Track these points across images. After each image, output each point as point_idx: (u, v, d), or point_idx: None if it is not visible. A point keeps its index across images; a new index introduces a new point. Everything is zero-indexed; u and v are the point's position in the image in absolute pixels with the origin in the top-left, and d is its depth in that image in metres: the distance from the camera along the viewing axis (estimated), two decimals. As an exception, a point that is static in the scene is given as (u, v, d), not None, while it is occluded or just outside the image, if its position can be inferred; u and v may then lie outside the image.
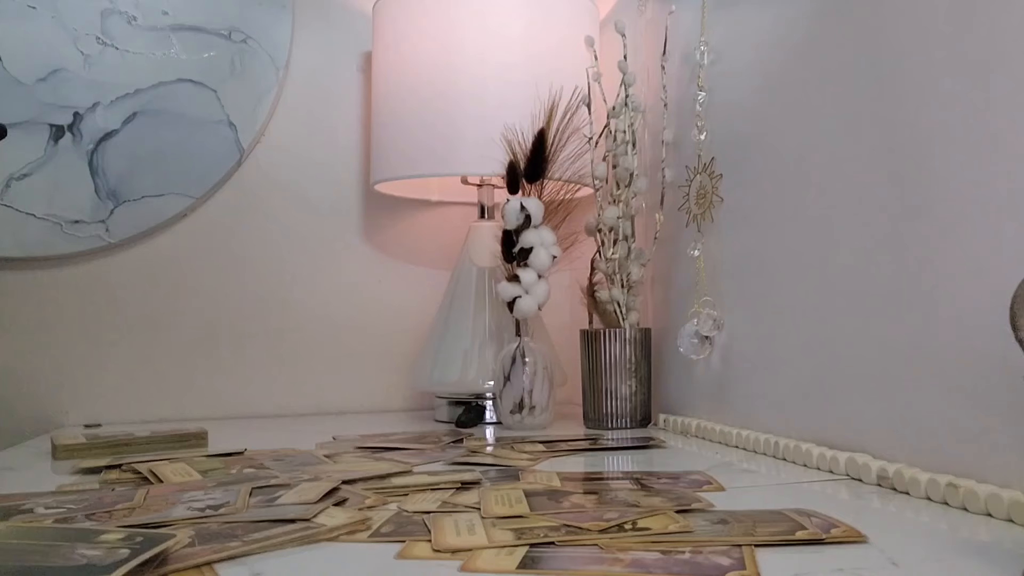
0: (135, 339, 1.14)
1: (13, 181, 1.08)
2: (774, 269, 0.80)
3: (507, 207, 0.95)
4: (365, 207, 1.25)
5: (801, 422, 0.76)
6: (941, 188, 0.60)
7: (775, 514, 0.52)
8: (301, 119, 1.22)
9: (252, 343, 1.19)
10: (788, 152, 0.78)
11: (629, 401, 0.97)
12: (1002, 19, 0.56)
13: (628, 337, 0.97)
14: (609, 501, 0.56)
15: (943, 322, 0.60)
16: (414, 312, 1.25)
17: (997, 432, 0.55)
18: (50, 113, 1.10)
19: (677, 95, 0.98)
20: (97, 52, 1.11)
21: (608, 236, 0.99)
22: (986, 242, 0.56)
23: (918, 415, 0.62)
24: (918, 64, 0.63)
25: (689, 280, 0.93)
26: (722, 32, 0.89)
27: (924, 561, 0.44)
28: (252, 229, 1.20)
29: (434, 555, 0.45)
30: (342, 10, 1.24)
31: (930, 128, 0.62)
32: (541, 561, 0.43)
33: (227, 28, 1.17)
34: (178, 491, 0.60)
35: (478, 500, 0.57)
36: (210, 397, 1.17)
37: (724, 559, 0.43)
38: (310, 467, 0.71)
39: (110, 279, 1.14)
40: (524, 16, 1.05)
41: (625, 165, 0.98)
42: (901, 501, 0.58)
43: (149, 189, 1.13)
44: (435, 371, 1.05)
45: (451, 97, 1.03)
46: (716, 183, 0.88)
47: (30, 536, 0.45)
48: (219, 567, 0.43)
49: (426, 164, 1.06)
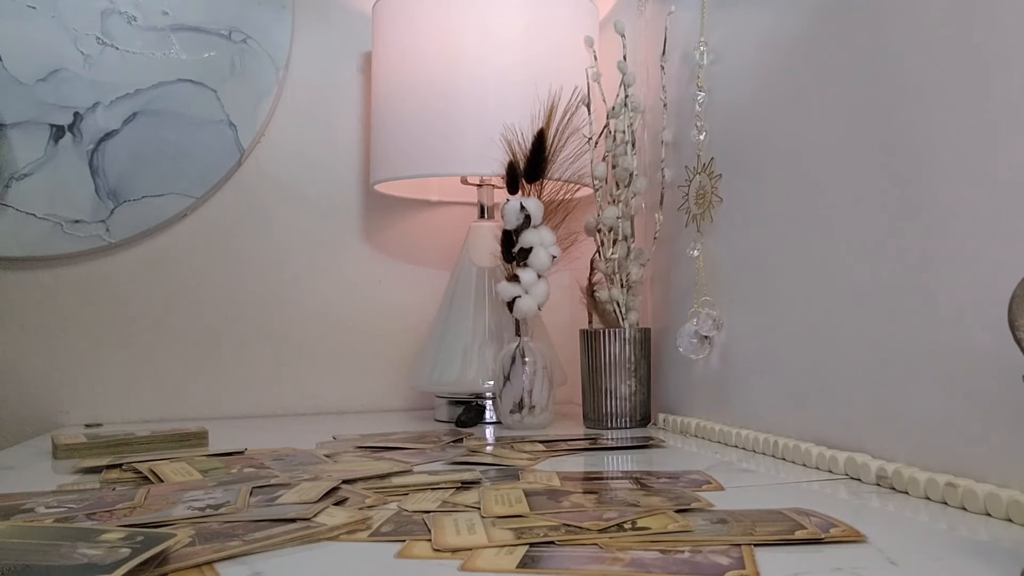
0: (135, 339, 1.14)
1: (13, 181, 1.08)
2: (774, 269, 0.80)
3: (507, 207, 0.95)
4: (365, 207, 1.25)
5: (800, 422, 0.76)
6: (941, 188, 0.60)
7: (774, 513, 0.52)
8: (301, 119, 1.22)
9: (252, 343, 1.19)
10: (788, 152, 0.78)
11: (629, 401, 0.97)
12: (1002, 19, 0.56)
13: (628, 337, 0.97)
14: (609, 500, 0.56)
15: (943, 322, 0.60)
16: (414, 312, 1.25)
17: (996, 432, 0.55)
18: (50, 113, 1.10)
19: (676, 95, 0.98)
20: (97, 52, 1.11)
21: (608, 236, 0.99)
22: (986, 242, 0.57)
23: (917, 415, 0.62)
24: (918, 64, 0.63)
25: (689, 280, 0.93)
26: (722, 32, 0.89)
27: (923, 560, 0.44)
28: (252, 229, 1.20)
29: (434, 554, 0.45)
30: (342, 10, 1.24)
31: (930, 128, 0.62)
32: (541, 560, 0.44)
33: (227, 28, 1.17)
34: (178, 490, 0.60)
35: (478, 499, 0.57)
36: (210, 397, 1.17)
37: (723, 558, 0.43)
38: (310, 467, 0.71)
39: (110, 279, 1.14)
40: (524, 16, 1.05)
41: (624, 165, 0.98)
42: (900, 500, 0.59)
43: (149, 189, 1.13)
44: (435, 371, 1.05)
45: (451, 97, 1.03)
46: (715, 183, 0.89)
47: (31, 535, 0.45)
48: (219, 566, 0.43)
49: (426, 164, 1.06)
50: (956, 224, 0.59)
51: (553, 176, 0.98)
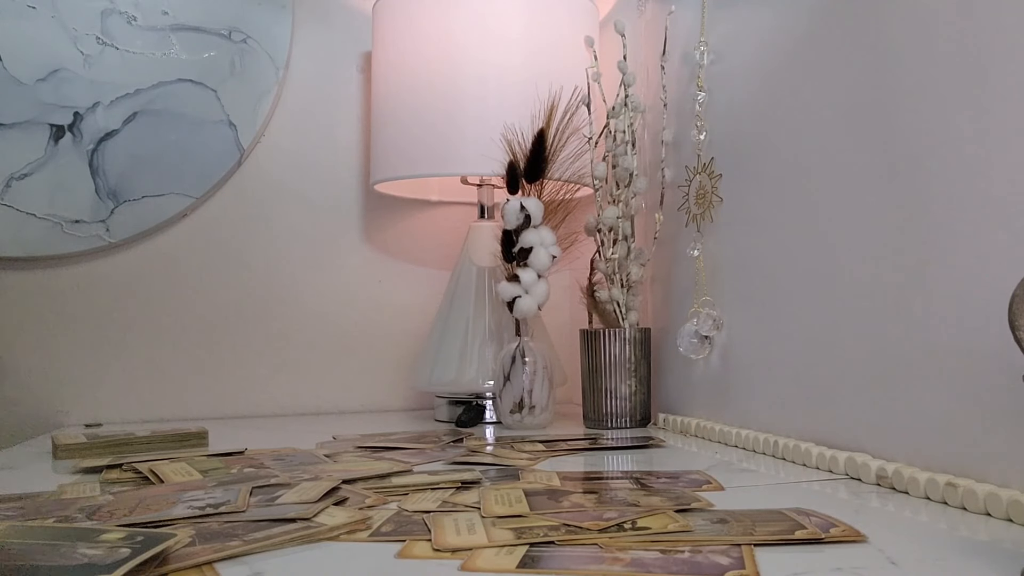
0: (135, 339, 1.14)
1: (14, 181, 1.08)
2: (774, 269, 0.80)
3: (507, 207, 0.95)
4: (365, 207, 1.25)
5: (800, 421, 0.76)
6: (941, 188, 0.60)
7: (774, 513, 0.52)
8: (301, 119, 1.22)
9: (252, 343, 1.19)
10: (788, 152, 0.78)
11: (629, 401, 0.97)
12: (1002, 19, 0.56)
13: (628, 337, 0.97)
14: (609, 500, 0.56)
15: (943, 322, 0.60)
16: (414, 312, 1.25)
17: (996, 432, 0.55)
18: (50, 113, 1.10)
19: (677, 95, 0.98)
20: (97, 52, 1.11)
21: (608, 236, 0.99)
22: (985, 242, 0.57)
23: (917, 415, 0.62)
24: (918, 64, 0.63)
25: (689, 280, 0.93)
26: (722, 32, 0.89)
27: (923, 560, 0.44)
28: (252, 229, 1.20)
29: (434, 554, 0.45)
30: (342, 10, 1.24)
31: (930, 128, 0.62)
32: (541, 560, 0.44)
33: (227, 28, 1.17)
34: (178, 490, 0.60)
35: (478, 499, 0.57)
36: (210, 397, 1.17)
37: (723, 558, 0.43)
38: (310, 466, 0.71)
39: (110, 279, 1.14)
40: (524, 16, 1.05)
41: (625, 165, 0.98)
42: (900, 500, 0.59)
43: (149, 189, 1.13)
44: (435, 371, 1.05)
45: (451, 97, 1.03)
46: (716, 183, 0.89)
47: (31, 535, 0.45)
48: (219, 566, 0.43)
49: (426, 164, 1.06)
50: (956, 224, 0.59)
51: (553, 176, 0.98)
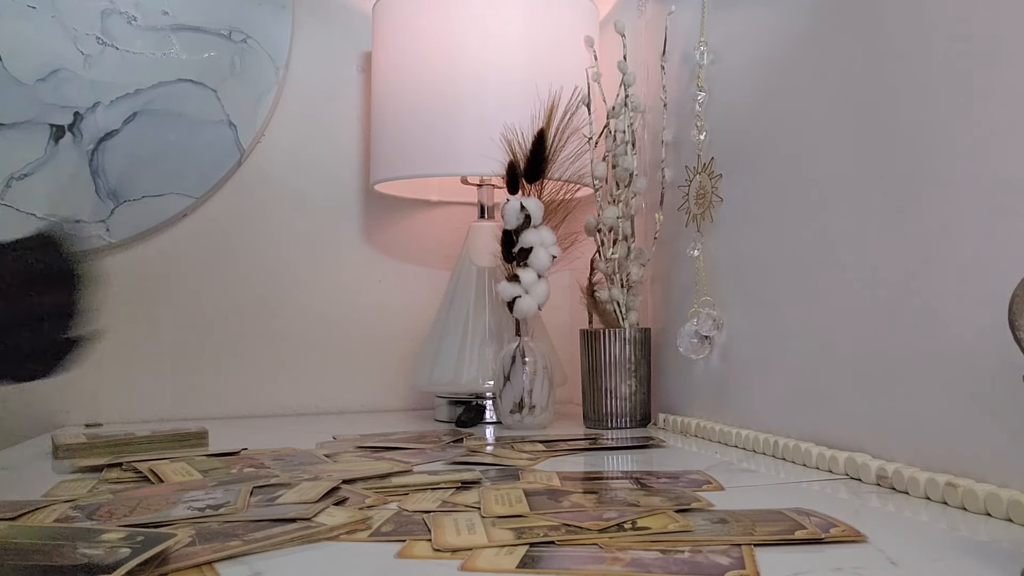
0: (135, 339, 1.14)
1: (14, 181, 1.08)
2: (774, 269, 0.80)
3: (507, 207, 0.95)
4: (365, 207, 1.25)
5: (800, 421, 0.76)
6: (940, 188, 0.60)
7: (774, 513, 0.52)
8: (301, 119, 1.22)
9: (252, 343, 1.19)
10: (788, 152, 0.78)
11: (629, 401, 0.97)
12: (1002, 20, 0.56)
13: (628, 337, 0.97)
14: (609, 500, 0.56)
15: (943, 322, 0.60)
16: (414, 312, 1.25)
17: (996, 432, 0.55)
18: (50, 113, 1.10)
19: (677, 95, 0.98)
20: (97, 52, 1.11)
21: (608, 236, 0.99)
22: (985, 242, 0.57)
23: (917, 415, 0.62)
24: (918, 64, 0.63)
25: (689, 280, 0.93)
26: (722, 32, 0.89)
27: (923, 560, 0.44)
28: (252, 229, 1.20)
29: (434, 554, 0.45)
30: (342, 10, 1.24)
31: (929, 128, 0.62)
32: (541, 560, 0.44)
33: (227, 28, 1.17)
34: (178, 490, 0.60)
35: (478, 499, 0.57)
36: (210, 397, 1.17)
37: (723, 558, 0.43)
38: (310, 466, 0.71)
39: (110, 279, 1.14)
40: (524, 16, 1.05)
41: (625, 165, 0.98)
42: (900, 500, 0.59)
43: (149, 189, 1.13)
44: (435, 371, 1.05)
45: (451, 97, 1.03)
46: (716, 183, 0.89)
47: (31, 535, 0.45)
48: (219, 566, 0.43)
49: (426, 164, 1.06)
50: (956, 224, 0.59)
51: (553, 176, 0.98)
